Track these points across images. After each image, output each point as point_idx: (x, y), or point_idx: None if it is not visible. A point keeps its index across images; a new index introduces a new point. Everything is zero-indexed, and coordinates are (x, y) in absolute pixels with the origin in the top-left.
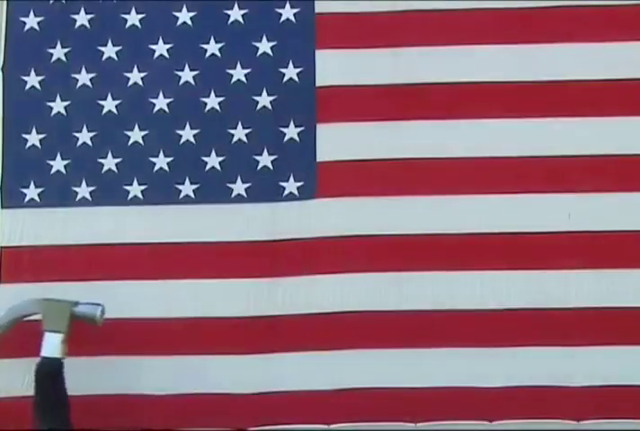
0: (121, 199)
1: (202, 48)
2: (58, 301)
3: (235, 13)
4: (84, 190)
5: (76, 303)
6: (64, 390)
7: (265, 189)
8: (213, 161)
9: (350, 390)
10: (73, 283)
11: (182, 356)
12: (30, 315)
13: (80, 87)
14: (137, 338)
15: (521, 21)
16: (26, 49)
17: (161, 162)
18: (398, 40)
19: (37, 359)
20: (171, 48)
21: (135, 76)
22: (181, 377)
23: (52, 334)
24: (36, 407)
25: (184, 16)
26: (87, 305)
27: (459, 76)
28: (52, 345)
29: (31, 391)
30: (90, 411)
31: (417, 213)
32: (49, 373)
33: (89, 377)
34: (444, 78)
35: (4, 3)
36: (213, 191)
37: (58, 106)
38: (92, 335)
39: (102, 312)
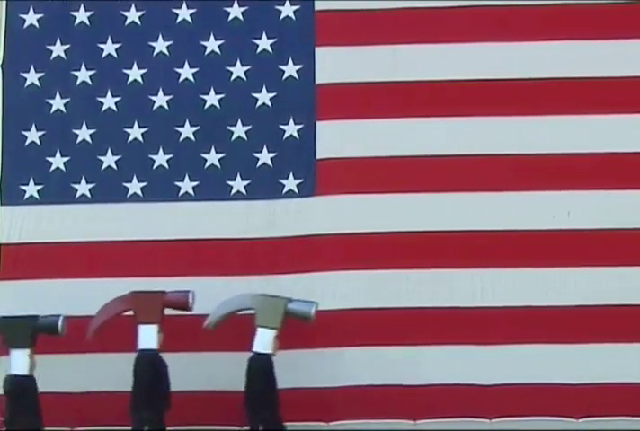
0: (121, 196)
1: (202, 45)
2: (273, 297)
3: (235, 11)
4: (83, 187)
5: (290, 300)
6: (275, 385)
7: (265, 187)
8: (212, 158)
9: (350, 388)
10: (72, 280)
11: (182, 352)
12: (243, 310)
13: (80, 84)
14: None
15: (521, 18)
16: (26, 46)
17: (160, 159)
18: (397, 38)
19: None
20: (170, 45)
21: (134, 73)
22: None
23: (265, 330)
24: (248, 402)
25: (184, 13)
26: (301, 302)
27: (459, 74)
28: (265, 341)
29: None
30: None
31: (416, 210)
32: (262, 369)
33: None
34: (443, 76)
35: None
36: (212, 188)
37: (58, 103)
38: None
39: (316, 309)
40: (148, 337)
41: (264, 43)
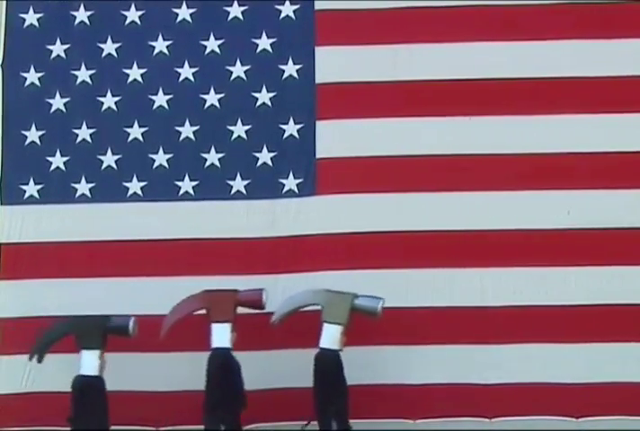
0: (121, 196)
1: (202, 44)
2: (340, 292)
3: (235, 10)
4: (83, 187)
5: (357, 296)
6: (344, 381)
7: (265, 186)
8: (212, 157)
9: (350, 387)
10: (72, 279)
11: (183, 352)
12: (309, 306)
13: (79, 84)
14: None
15: (522, 18)
16: (26, 46)
17: (160, 158)
18: (397, 38)
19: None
20: (170, 44)
21: (134, 73)
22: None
23: (332, 326)
24: (317, 398)
25: (184, 13)
26: (368, 298)
27: (459, 73)
28: (332, 336)
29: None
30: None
31: (417, 209)
32: (330, 365)
33: None
34: (443, 75)
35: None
36: (212, 188)
37: (58, 102)
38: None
39: (383, 304)
40: (221, 335)
41: (264, 43)
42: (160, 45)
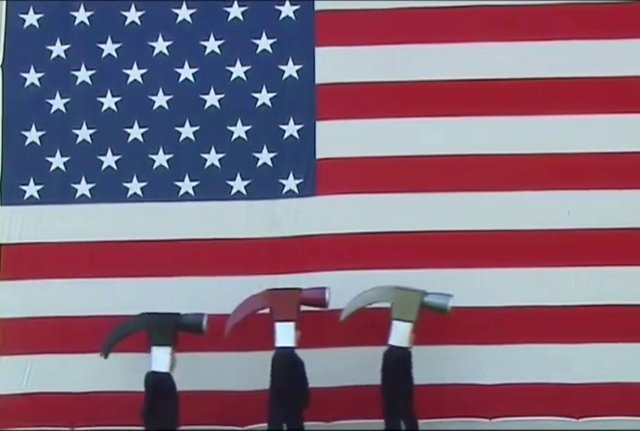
0: (121, 196)
1: (202, 45)
2: (409, 289)
3: (235, 11)
4: (83, 187)
5: (426, 293)
6: (411, 379)
7: (265, 187)
8: (213, 158)
9: (350, 387)
10: (72, 279)
11: (183, 352)
12: (378, 303)
13: (80, 84)
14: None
15: (521, 18)
16: (26, 46)
17: (160, 159)
18: (397, 38)
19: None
20: (170, 45)
21: (134, 73)
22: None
23: (401, 323)
24: (384, 395)
25: (184, 13)
26: (437, 295)
27: (459, 74)
28: (401, 334)
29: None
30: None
31: (417, 210)
32: (399, 362)
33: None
34: (443, 76)
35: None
36: (213, 188)
37: (58, 103)
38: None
39: (452, 302)
40: (285, 334)
41: (264, 43)
42: (160, 45)
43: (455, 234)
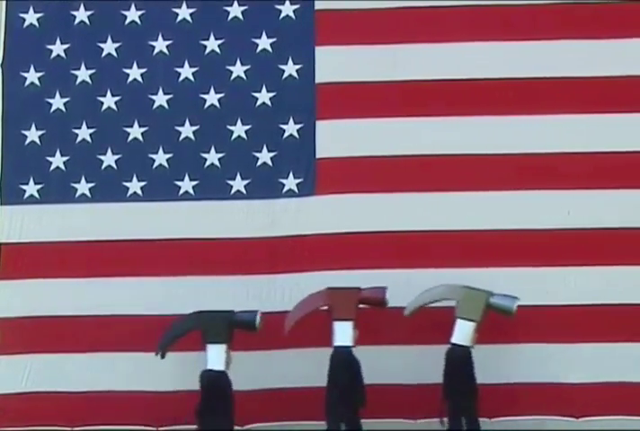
0: (121, 196)
1: (202, 44)
2: (475, 289)
3: (235, 10)
4: (83, 187)
5: (492, 293)
6: (474, 377)
7: (264, 186)
8: (212, 157)
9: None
10: (72, 279)
11: (182, 352)
12: (443, 300)
13: (79, 83)
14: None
15: (521, 18)
16: (26, 46)
17: (160, 158)
18: (397, 38)
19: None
20: (170, 44)
21: (134, 73)
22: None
23: (465, 322)
24: (446, 393)
25: (184, 13)
26: (503, 296)
27: (458, 73)
28: (464, 333)
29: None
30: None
31: (416, 209)
32: (461, 361)
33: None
34: (443, 75)
35: None
36: (212, 188)
37: (58, 102)
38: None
39: (517, 304)
40: (344, 333)
41: (264, 42)
42: (160, 45)
43: (455, 234)
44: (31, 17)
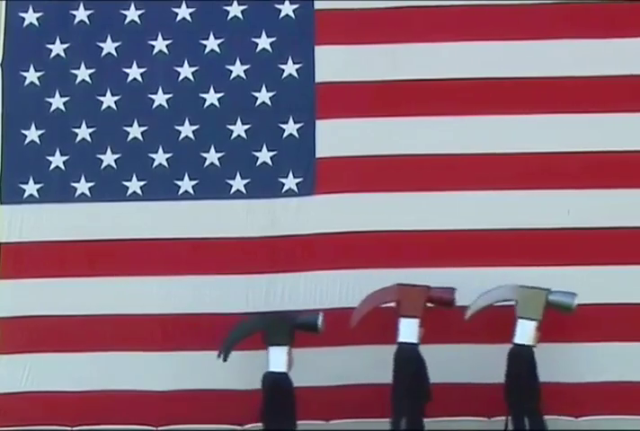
0: (120, 195)
1: (201, 44)
2: (534, 288)
3: (235, 9)
4: (83, 186)
5: (550, 291)
6: (537, 377)
7: (264, 185)
8: (212, 157)
9: (350, 386)
10: (72, 279)
11: (182, 351)
12: (503, 301)
13: (79, 83)
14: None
15: (521, 17)
16: (25, 45)
17: (160, 158)
18: (397, 37)
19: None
20: (170, 43)
21: (134, 72)
22: (178, 373)
23: (526, 321)
24: (509, 393)
25: (183, 12)
26: (562, 293)
27: (458, 73)
28: (526, 332)
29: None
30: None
31: (416, 209)
32: (524, 361)
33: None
34: (443, 74)
35: None
36: (212, 187)
37: (57, 102)
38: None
39: (577, 300)
40: (410, 330)
41: (264, 42)
42: (160, 44)
43: (455, 233)
44: (31, 16)
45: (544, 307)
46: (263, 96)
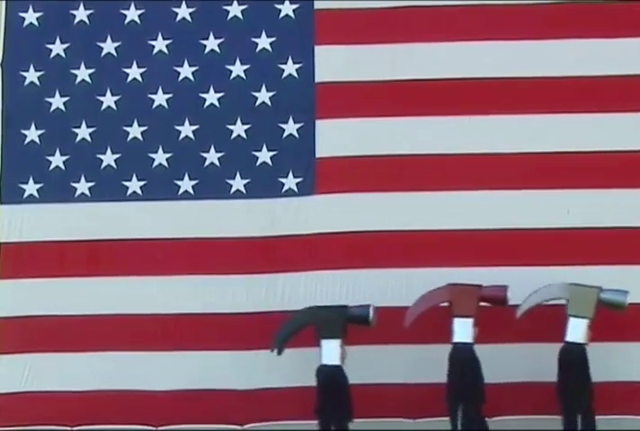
0: (120, 195)
1: (201, 43)
2: (585, 286)
3: (235, 9)
4: (83, 186)
5: (602, 289)
6: (588, 376)
7: (264, 185)
8: (212, 157)
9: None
10: (72, 278)
11: (182, 351)
12: (554, 300)
13: (79, 83)
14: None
15: (521, 17)
16: (25, 45)
17: (160, 158)
18: (397, 37)
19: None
20: (170, 43)
21: (134, 72)
22: (178, 373)
23: (578, 319)
24: (562, 392)
25: (183, 12)
26: (614, 291)
27: (458, 73)
28: (578, 330)
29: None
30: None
31: (416, 209)
32: (576, 359)
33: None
34: (443, 74)
35: None
36: (212, 187)
37: (57, 102)
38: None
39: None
40: (464, 330)
41: (264, 42)
42: (160, 44)
43: (455, 233)
44: (31, 16)
45: (595, 305)
46: (263, 96)
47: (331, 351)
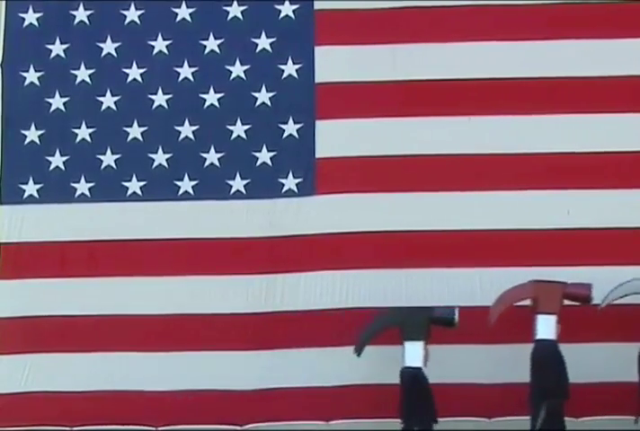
0: (120, 196)
1: (201, 44)
2: None
3: (235, 10)
4: (83, 187)
5: None
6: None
7: (264, 186)
8: (212, 157)
9: (349, 386)
10: (72, 279)
11: (182, 351)
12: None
13: (79, 83)
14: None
15: (521, 17)
16: (25, 45)
17: (160, 158)
18: (397, 37)
19: None
20: (170, 44)
21: (134, 72)
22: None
23: None
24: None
25: (183, 12)
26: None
27: (458, 73)
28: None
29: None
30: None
31: (416, 209)
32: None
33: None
34: (443, 75)
35: None
36: (212, 188)
37: (57, 102)
38: None
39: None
40: (547, 327)
41: (264, 42)
42: (159, 44)
43: (454, 234)
44: (31, 17)
45: None
46: (263, 96)
47: (414, 353)
